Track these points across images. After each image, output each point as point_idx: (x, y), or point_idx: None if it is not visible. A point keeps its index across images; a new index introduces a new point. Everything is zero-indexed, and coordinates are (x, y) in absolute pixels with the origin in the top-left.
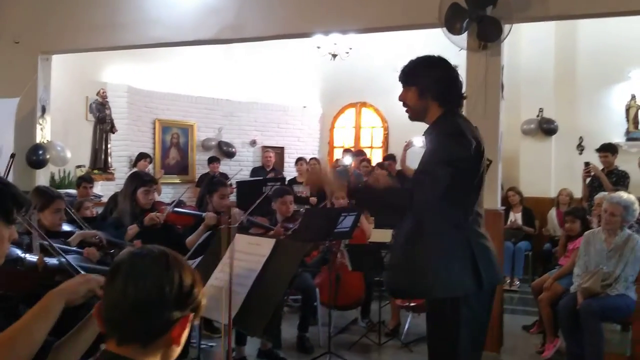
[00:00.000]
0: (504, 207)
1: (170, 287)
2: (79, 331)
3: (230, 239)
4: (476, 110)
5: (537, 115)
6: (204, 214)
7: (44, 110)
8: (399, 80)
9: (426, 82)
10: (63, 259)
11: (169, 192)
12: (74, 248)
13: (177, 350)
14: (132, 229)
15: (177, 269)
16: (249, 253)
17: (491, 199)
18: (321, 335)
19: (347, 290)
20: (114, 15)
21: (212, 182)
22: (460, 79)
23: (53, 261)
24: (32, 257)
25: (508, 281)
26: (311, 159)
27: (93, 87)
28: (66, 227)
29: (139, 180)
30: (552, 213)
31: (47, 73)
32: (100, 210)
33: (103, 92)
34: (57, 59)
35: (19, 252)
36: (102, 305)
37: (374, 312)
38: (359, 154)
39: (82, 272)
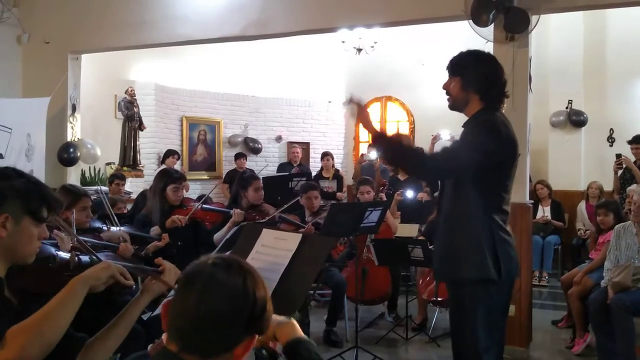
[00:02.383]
0: (532, 201)
1: (244, 306)
2: (111, 328)
3: (257, 233)
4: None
5: (566, 107)
6: (231, 211)
7: (74, 108)
8: (446, 68)
9: (471, 75)
10: (94, 256)
11: (196, 189)
12: (107, 243)
13: None
14: (155, 230)
15: (253, 286)
16: (275, 248)
17: (519, 193)
18: (348, 330)
19: (374, 285)
20: (141, 13)
21: (244, 177)
22: (506, 79)
23: (85, 258)
24: (64, 255)
25: (537, 276)
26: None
27: (121, 85)
28: (96, 224)
29: (168, 177)
30: (582, 206)
31: (77, 72)
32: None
33: (131, 90)
34: (86, 58)
35: (52, 250)
36: (169, 308)
37: (401, 306)
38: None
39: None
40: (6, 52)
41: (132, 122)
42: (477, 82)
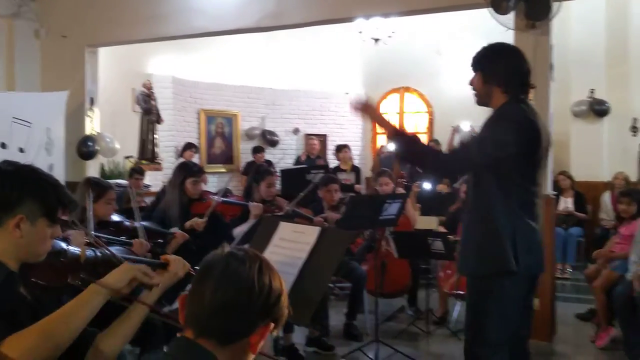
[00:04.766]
0: (555, 192)
1: (259, 294)
2: (122, 321)
3: (275, 227)
4: None
5: (588, 96)
6: (249, 204)
7: (92, 102)
8: (470, 65)
9: (490, 68)
10: (107, 251)
11: (214, 182)
12: (123, 239)
13: (251, 357)
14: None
15: (268, 276)
16: (294, 241)
17: (542, 184)
18: (368, 323)
19: (393, 278)
20: (157, 6)
21: (259, 171)
22: (528, 68)
23: (97, 252)
24: (74, 249)
25: (559, 268)
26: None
27: (139, 78)
28: (115, 217)
29: (187, 170)
30: (606, 197)
31: (94, 66)
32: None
33: (149, 84)
34: (104, 52)
35: (62, 245)
36: (187, 298)
37: (421, 300)
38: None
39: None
40: (24, 46)
41: (149, 116)
42: (497, 75)
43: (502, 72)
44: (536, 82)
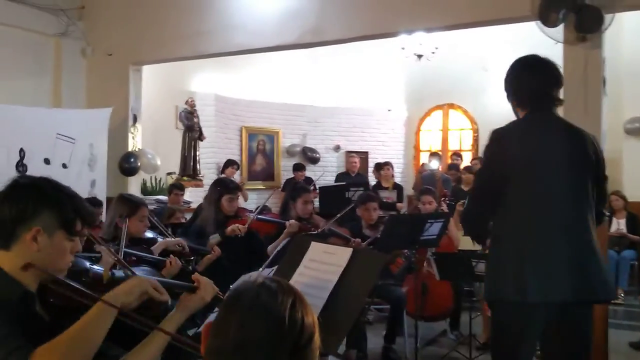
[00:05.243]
0: (608, 213)
1: (290, 333)
2: (145, 345)
3: (306, 247)
4: (576, 108)
5: None
6: (286, 222)
7: (135, 119)
8: None
9: (505, 85)
10: (130, 272)
11: (253, 198)
12: (156, 257)
13: None
14: (215, 239)
15: (301, 312)
16: (324, 263)
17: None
18: (407, 347)
19: (435, 301)
20: (199, 24)
21: (296, 188)
22: (534, 77)
23: (120, 273)
24: (98, 269)
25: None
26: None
27: (182, 96)
28: (149, 234)
29: (223, 187)
30: None
31: (138, 83)
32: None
33: (192, 101)
34: (147, 70)
35: (85, 264)
36: (210, 329)
37: (464, 324)
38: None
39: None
40: (71, 64)
41: (192, 133)
42: (508, 91)
43: (510, 88)
44: (588, 98)
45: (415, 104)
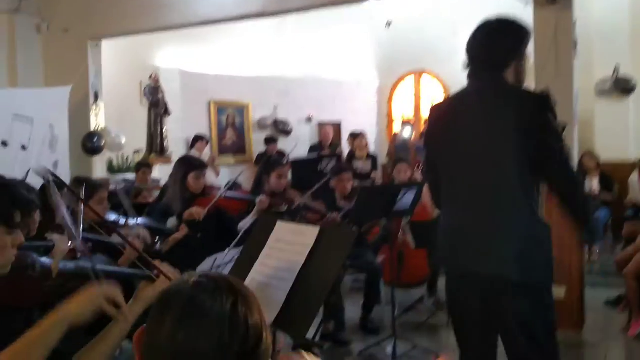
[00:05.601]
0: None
1: (232, 339)
2: (101, 340)
3: (272, 226)
4: (546, 70)
5: (613, 74)
6: (257, 198)
7: (96, 96)
8: None
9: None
10: (82, 263)
11: (225, 173)
12: (114, 241)
13: None
14: (172, 222)
15: (245, 312)
16: (291, 243)
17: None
18: (385, 316)
19: (411, 269)
20: None
21: (269, 162)
22: (470, 43)
23: (70, 265)
24: (46, 261)
25: (587, 251)
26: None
27: (146, 71)
28: (112, 217)
29: (188, 164)
30: (634, 178)
31: (98, 59)
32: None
33: (155, 76)
34: (109, 46)
35: (33, 256)
36: (143, 338)
37: (442, 289)
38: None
39: (104, 279)
40: (26, 41)
41: (157, 109)
42: None
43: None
44: (559, 60)
45: (387, 72)
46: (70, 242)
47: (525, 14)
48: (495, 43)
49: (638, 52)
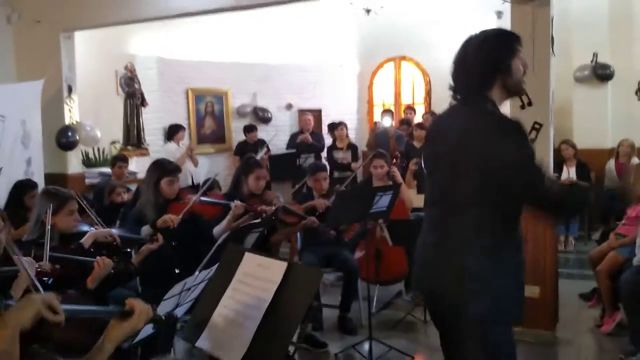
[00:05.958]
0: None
1: None
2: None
3: (239, 258)
4: None
5: (591, 61)
6: (231, 203)
7: (70, 90)
8: None
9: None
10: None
11: (204, 163)
12: (83, 259)
13: None
14: (146, 230)
15: None
16: (258, 278)
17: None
18: (363, 313)
19: (389, 265)
20: None
21: (248, 164)
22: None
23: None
24: (9, 303)
25: (562, 241)
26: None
27: (121, 60)
28: (83, 227)
29: (161, 169)
30: (611, 165)
31: (71, 51)
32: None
33: (131, 66)
34: (82, 36)
35: None
36: None
37: None
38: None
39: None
40: None
41: (133, 99)
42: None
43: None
44: (536, 57)
45: (367, 58)
46: (36, 264)
47: (504, 9)
48: (470, 64)
49: (616, 39)
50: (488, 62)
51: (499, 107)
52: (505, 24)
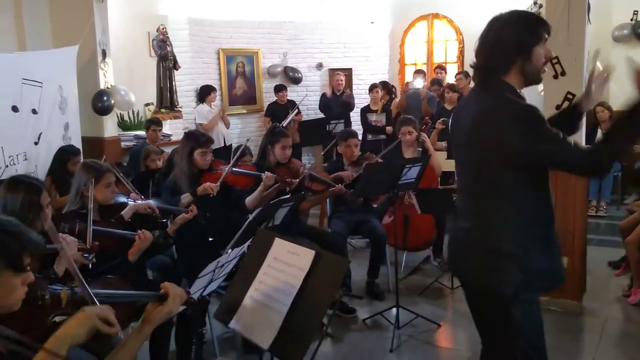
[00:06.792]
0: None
1: None
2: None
3: (270, 242)
4: (557, 38)
5: (631, 19)
6: (262, 175)
7: (104, 54)
8: None
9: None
10: (90, 290)
11: (236, 124)
12: (125, 232)
13: None
14: (186, 198)
15: None
16: (287, 264)
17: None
18: (390, 278)
19: (417, 232)
20: None
21: (273, 132)
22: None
23: (78, 292)
24: (56, 289)
25: (594, 206)
26: (372, 85)
27: (153, 22)
28: (120, 198)
29: (194, 141)
30: None
31: (104, 15)
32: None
33: (163, 29)
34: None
35: (44, 285)
36: None
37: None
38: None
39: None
40: (31, 2)
41: (166, 62)
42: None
43: None
44: (570, 27)
45: (399, 16)
46: (78, 244)
47: None
48: (492, 43)
49: None
50: (511, 42)
51: (519, 93)
52: None
